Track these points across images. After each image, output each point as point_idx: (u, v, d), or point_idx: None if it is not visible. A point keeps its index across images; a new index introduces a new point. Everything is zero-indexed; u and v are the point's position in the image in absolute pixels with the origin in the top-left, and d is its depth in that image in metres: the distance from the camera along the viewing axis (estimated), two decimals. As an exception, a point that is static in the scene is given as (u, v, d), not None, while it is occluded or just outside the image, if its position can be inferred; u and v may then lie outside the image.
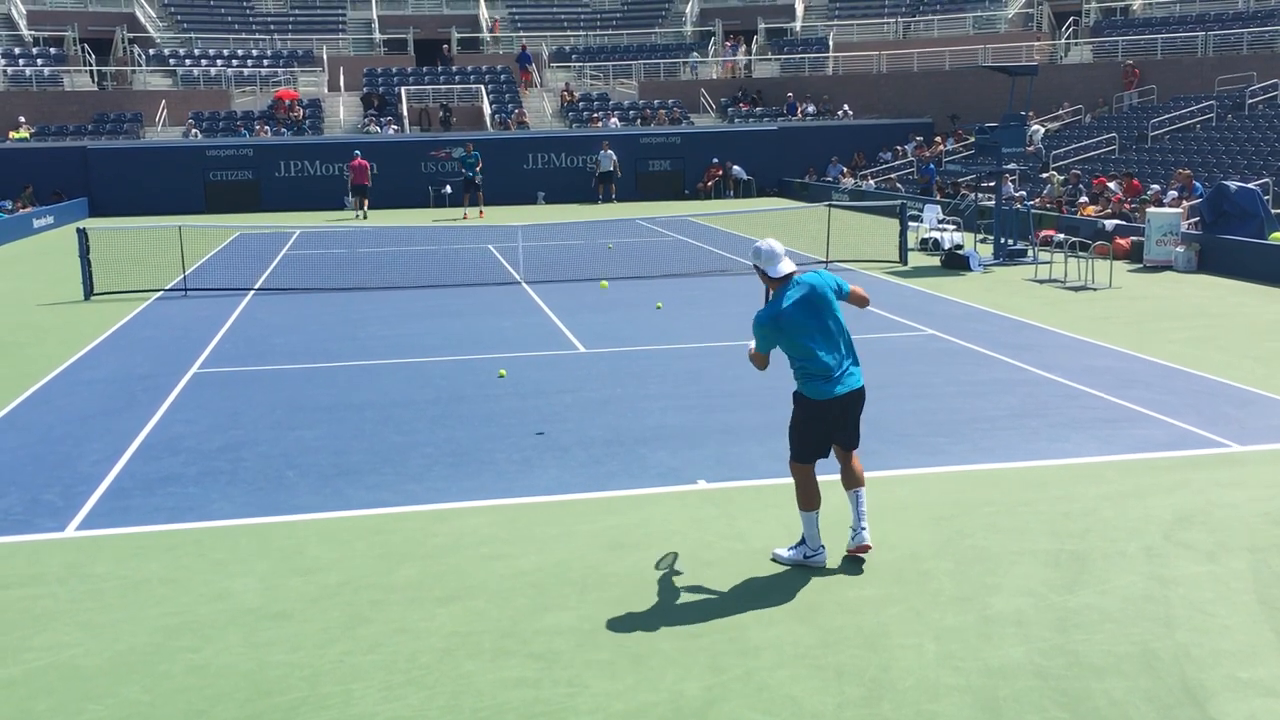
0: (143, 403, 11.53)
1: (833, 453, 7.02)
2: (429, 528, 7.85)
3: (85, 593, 6.87)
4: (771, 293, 6.88)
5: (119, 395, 11.89)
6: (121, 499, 8.57)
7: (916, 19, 43.88)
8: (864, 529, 6.96)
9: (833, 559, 7.09)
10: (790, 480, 8.61)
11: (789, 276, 6.78)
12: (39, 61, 40.45)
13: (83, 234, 18.66)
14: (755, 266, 6.90)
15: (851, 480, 7.03)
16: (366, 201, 32.81)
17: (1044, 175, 28.84)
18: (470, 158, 32.02)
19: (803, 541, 7.00)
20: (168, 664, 5.94)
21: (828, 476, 7.16)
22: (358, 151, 33.68)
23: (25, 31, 42.42)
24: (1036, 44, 39.08)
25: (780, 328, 6.71)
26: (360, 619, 6.43)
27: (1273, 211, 20.22)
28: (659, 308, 16.56)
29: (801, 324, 6.69)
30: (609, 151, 36.35)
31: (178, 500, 8.51)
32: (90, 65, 41.32)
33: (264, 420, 10.75)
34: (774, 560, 7.08)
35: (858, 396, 6.87)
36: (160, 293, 18.91)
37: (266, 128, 38.22)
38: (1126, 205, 23.56)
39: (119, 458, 9.61)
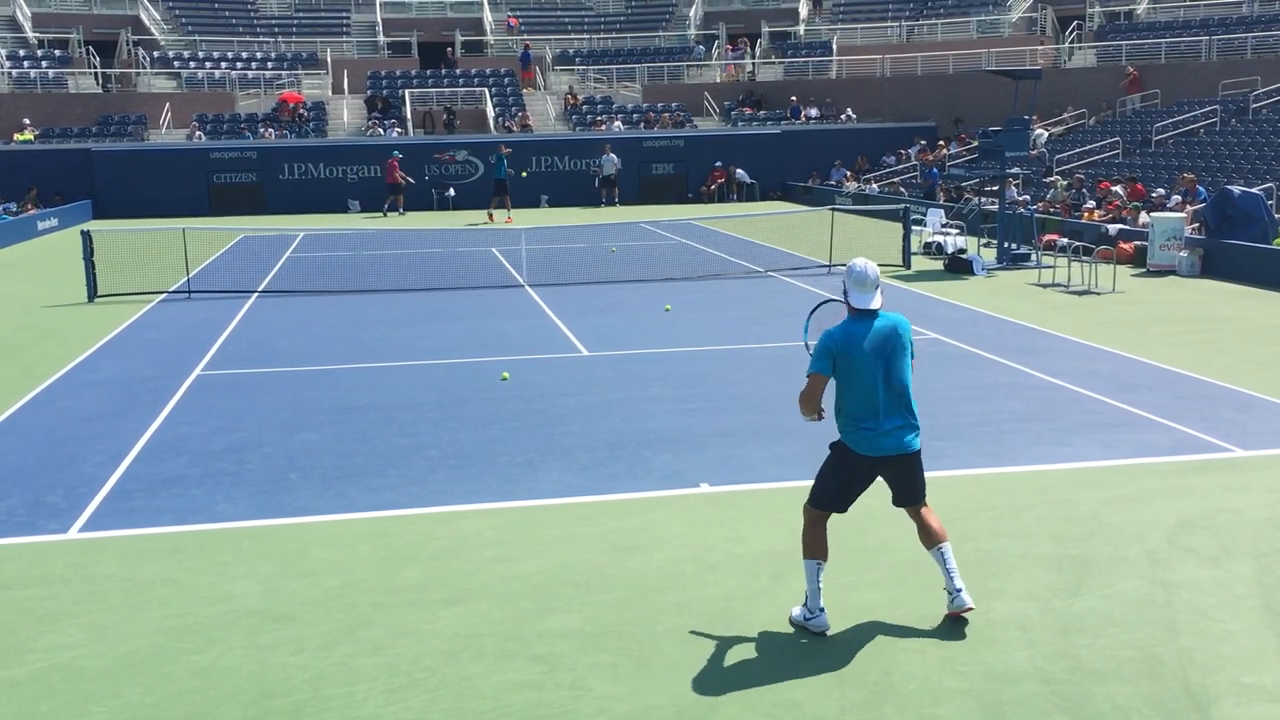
0: (146, 405, 11.54)
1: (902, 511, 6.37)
2: (432, 530, 7.85)
3: (88, 594, 6.88)
4: (848, 317, 6.12)
5: (122, 397, 11.90)
6: (125, 501, 8.58)
7: (920, 22, 43.87)
8: (960, 590, 6.16)
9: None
10: (793, 484, 8.66)
11: (873, 313, 6.07)
12: (44, 64, 40.51)
13: (87, 236, 18.70)
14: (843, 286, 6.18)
15: (931, 537, 6.25)
16: (399, 199, 34.30)
17: (1047, 180, 28.82)
18: (502, 157, 32.37)
19: (806, 600, 6.26)
20: (171, 666, 5.94)
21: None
22: (396, 153, 34.40)
23: (30, 34, 42.48)
24: (1040, 48, 39.04)
25: (848, 352, 5.95)
26: (363, 621, 6.43)
27: (1276, 216, 20.20)
28: (667, 310, 16.58)
29: (866, 361, 5.97)
30: (611, 155, 36.41)
31: (181, 502, 8.52)
32: (95, 68, 41.37)
33: (267, 422, 10.76)
34: (791, 622, 6.29)
35: (909, 461, 6.14)
36: (164, 295, 18.93)
37: (270, 130, 38.28)
38: (1125, 211, 23.55)
39: (122, 459, 9.62)
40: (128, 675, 5.85)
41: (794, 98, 41.59)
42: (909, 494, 6.29)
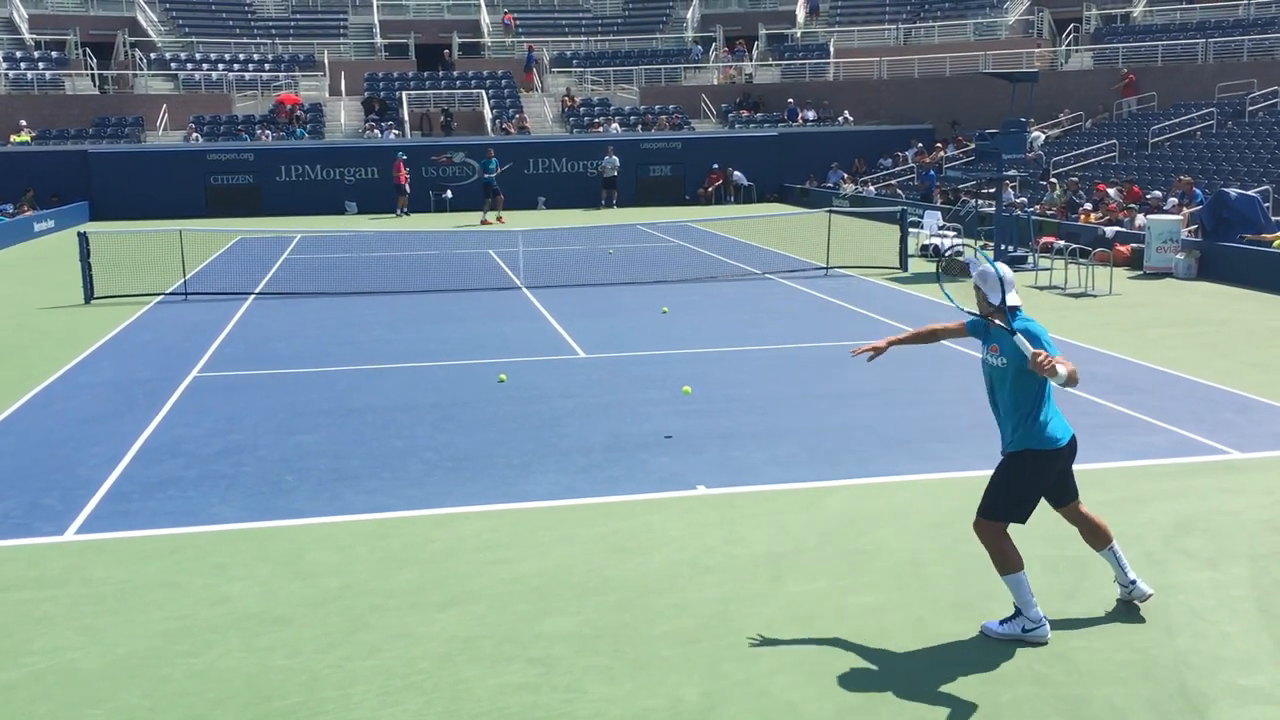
0: (143, 406, 11.53)
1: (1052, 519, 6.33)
2: (429, 532, 7.85)
3: (85, 596, 6.87)
4: (1015, 316, 5.96)
5: (119, 399, 11.89)
6: (121, 503, 8.57)
7: (917, 25, 43.92)
8: (1137, 580, 6.32)
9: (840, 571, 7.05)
10: (791, 486, 8.67)
11: (1015, 309, 5.98)
12: (40, 65, 40.48)
13: (83, 238, 18.67)
14: (977, 288, 6.12)
15: (1100, 538, 6.32)
16: (402, 200, 34.86)
17: (1043, 183, 28.84)
18: (491, 162, 32.27)
19: (1016, 614, 6.07)
20: (167, 668, 5.94)
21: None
22: (401, 154, 34.73)
23: (27, 35, 42.45)
24: (1037, 50, 39.08)
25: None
26: (360, 624, 6.43)
27: (1273, 218, 20.22)
28: (664, 312, 16.59)
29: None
30: (613, 156, 36.44)
31: (177, 504, 8.51)
32: (92, 69, 41.33)
33: (264, 424, 10.75)
34: (985, 633, 6.15)
35: (1074, 446, 6.14)
36: (161, 297, 18.91)
37: (268, 132, 38.26)
38: (1122, 213, 23.56)
39: (119, 461, 9.61)
40: (124, 677, 5.84)
41: (791, 100, 41.62)
42: (1073, 483, 6.26)
